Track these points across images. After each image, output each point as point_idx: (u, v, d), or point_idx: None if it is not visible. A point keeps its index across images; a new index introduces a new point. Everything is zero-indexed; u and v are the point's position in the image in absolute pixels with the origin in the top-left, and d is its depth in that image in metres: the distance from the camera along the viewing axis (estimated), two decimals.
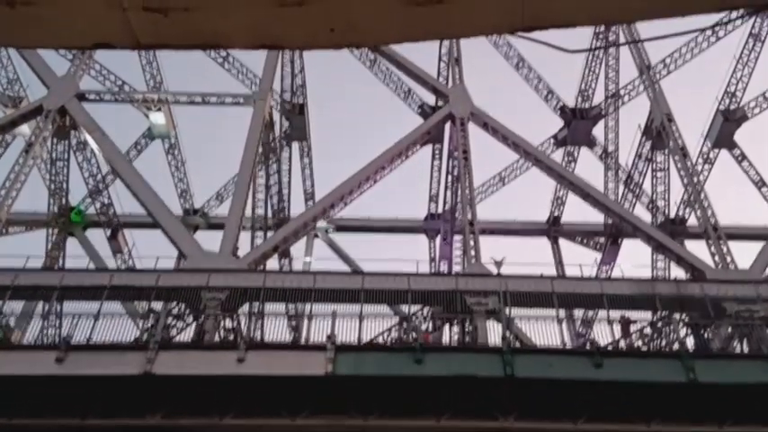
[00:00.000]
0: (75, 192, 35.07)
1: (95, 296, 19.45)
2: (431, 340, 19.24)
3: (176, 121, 37.50)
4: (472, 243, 24.60)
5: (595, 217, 39.93)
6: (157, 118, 35.28)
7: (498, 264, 20.59)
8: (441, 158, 38.08)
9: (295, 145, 37.10)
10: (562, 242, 40.46)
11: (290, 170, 35.57)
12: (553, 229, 40.19)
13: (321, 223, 38.31)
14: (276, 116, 33.96)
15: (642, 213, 35.04)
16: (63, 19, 2.96)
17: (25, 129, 29.73)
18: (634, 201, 34.69)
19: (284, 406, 17.30)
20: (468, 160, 26.82)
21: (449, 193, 34.56)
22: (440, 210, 38.56)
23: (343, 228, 39.86)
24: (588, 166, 45.44)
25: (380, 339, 19.13)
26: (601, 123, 38.58)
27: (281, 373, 16.95)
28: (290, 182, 35.63)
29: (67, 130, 28.63)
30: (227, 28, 2.93)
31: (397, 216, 41.86)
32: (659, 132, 28.43)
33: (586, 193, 26.16)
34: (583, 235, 40.04)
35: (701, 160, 33.87)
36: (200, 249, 23.80)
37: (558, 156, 39.07)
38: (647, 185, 34.61)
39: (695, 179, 26.38)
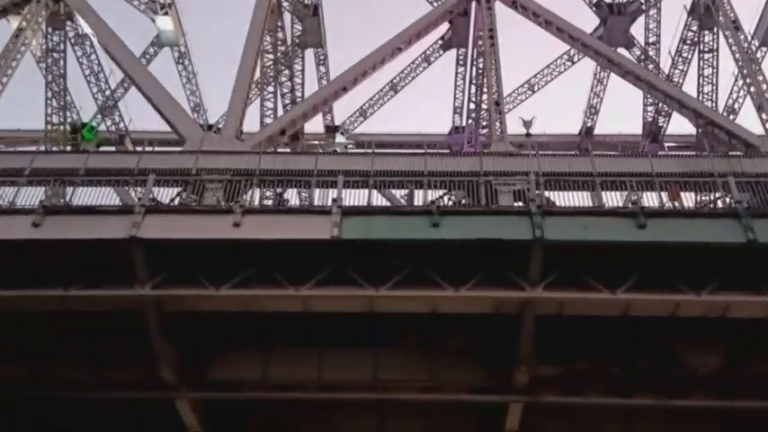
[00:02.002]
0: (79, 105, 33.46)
1: (70, 181, 17.11)
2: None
3: (185, 28, 35.55)
4: (498, 124, 22.41)
5: (631, 127, 37.49)
6: (165, 23, 33.20)
7: (527, 124, 18.20)
8: (465, 65, 35.62)
9: (309, 55, 34.79)
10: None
11: (303, 71, 33.27)
12: (586, 140, 37.55)
13: (340, 138, 36.26)
14: (287, 18, 31.66)
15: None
16: None
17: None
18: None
19: (287, 276, 15.51)
20: (495, 39, 24.40)
21: (473, 88, 32.15)
22: (464, 123, 36.13)
23: (364, 144, 37.58)
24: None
25: None
26: (640, 21, 35.80)
27: (281, 237, 15.08)
28: (303, 84, 33.41)
29: (63, 18, 26.73)
30: None
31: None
32: (708, 8, 25.64)
33: (626, 71, 23.66)
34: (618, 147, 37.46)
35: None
36: (201, 132, 21.97)
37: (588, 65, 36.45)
38: (690, 89, 31.96)
39: (747, 51, 23.71)
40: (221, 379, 17.77)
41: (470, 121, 33.91)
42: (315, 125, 34.39)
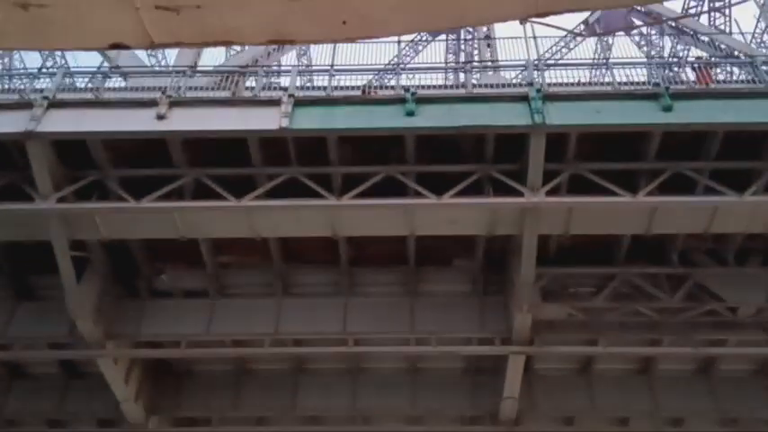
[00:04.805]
0: None
1: None
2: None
3: None
4: (488, 55, 19.67)
5: None
6: None
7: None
8: (457, 53, 33.34)
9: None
10: None
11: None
12: None
13: None
14: None
15: None
16: (77, 20, 2.90)
17: None
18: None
19: (226, 184, 12.46)
20: None
21: (462, 56, 29.55)
22: None
23: None
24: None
25: None
26: None
27: (216, 128, 12.05)
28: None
29: None
30: (239, 24, 2.91)
31: None
32: None
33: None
34: None
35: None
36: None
37: (589, 43, 34.27)
38: None
39: None
40: (156, 333, 14.55)
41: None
42: None
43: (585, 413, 16.00)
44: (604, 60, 13.48)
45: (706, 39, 20.02)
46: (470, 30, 24.74)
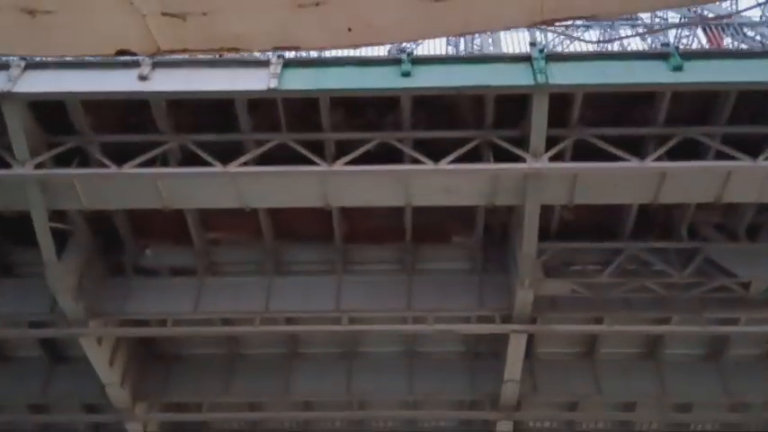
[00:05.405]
0: None
1: None
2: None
3: None
4: (490, 40, 19.01)
5: None
6: None
7: None
8: (457, 45, 32.82)
9: None
10: None
11: None
12: None
13: None
14: None
15: None
16: (83, 27, 2.85)
17: None
18: None
19: (212, 151, 11.86)
20: None
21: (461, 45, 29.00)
22: None
23: None
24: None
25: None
26: None
27: (201, 88, 11.44)
28: None
29: None
30: (245, 31, 2.88)
31: None
32: None
33: None
34: None
35: None
36: None
37: (592, 36, 33.81)
38: None
39: None
40: (141, 312, 13.93)
41: None
42: None
43: (590, 398, 15.42)
44: (610, 23, 12.79)
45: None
46: None
